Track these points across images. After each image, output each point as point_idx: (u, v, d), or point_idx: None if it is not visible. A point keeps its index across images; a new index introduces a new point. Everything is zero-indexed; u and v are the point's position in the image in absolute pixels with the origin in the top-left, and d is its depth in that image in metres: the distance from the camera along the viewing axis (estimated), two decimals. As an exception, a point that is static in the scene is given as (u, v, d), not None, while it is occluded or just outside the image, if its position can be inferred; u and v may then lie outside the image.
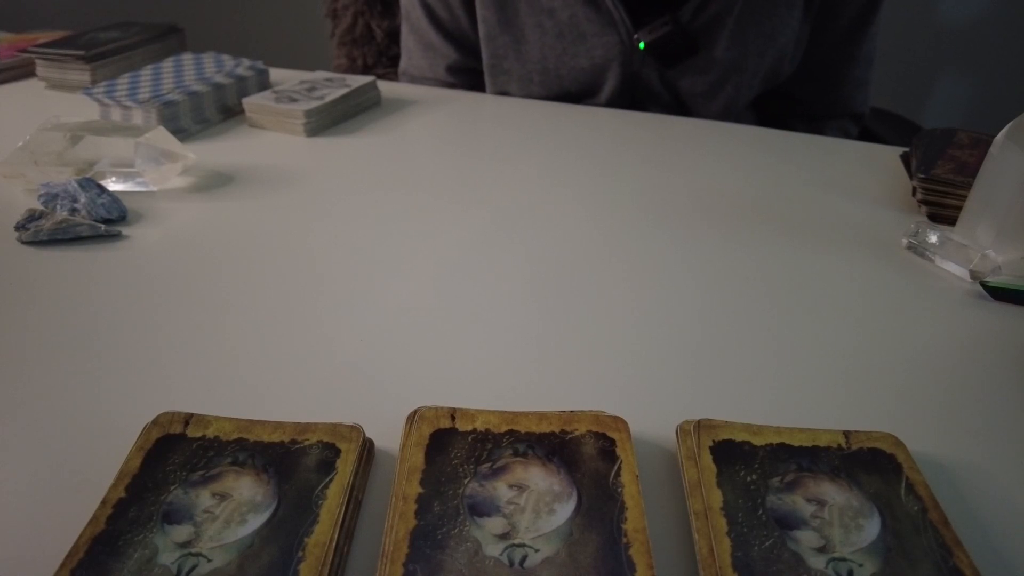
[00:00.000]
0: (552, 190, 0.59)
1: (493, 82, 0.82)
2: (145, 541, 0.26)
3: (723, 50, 0.74)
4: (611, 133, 0.71)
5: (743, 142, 0.70)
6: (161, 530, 0.26)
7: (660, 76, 0.77)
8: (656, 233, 0.53)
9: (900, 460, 0.31)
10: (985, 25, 1.57)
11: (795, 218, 0.56)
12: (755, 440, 0.31)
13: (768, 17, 0.74)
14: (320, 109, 0.68)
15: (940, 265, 0.49)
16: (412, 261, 0.48)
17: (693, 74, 0.76)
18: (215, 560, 0.25)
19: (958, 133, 0.64)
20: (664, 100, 0.80)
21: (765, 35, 0.75)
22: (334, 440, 0.30)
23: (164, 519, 0.27)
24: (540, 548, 0.26)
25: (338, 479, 0.29)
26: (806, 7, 0.76)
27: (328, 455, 0.30)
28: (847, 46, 0.81)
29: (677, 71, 0.76)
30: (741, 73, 0.77)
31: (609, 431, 0.31)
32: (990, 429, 0.35)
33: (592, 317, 0.43)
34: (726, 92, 0.78)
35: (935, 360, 0.40)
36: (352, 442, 0.30)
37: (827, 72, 0.83)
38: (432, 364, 0.38)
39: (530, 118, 0.75)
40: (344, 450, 0.30)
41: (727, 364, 0.39)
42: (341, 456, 0.30)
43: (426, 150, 0.66)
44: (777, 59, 0.78)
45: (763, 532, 0.27)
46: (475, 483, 0.29)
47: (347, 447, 0.30)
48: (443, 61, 0.84)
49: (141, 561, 0.25)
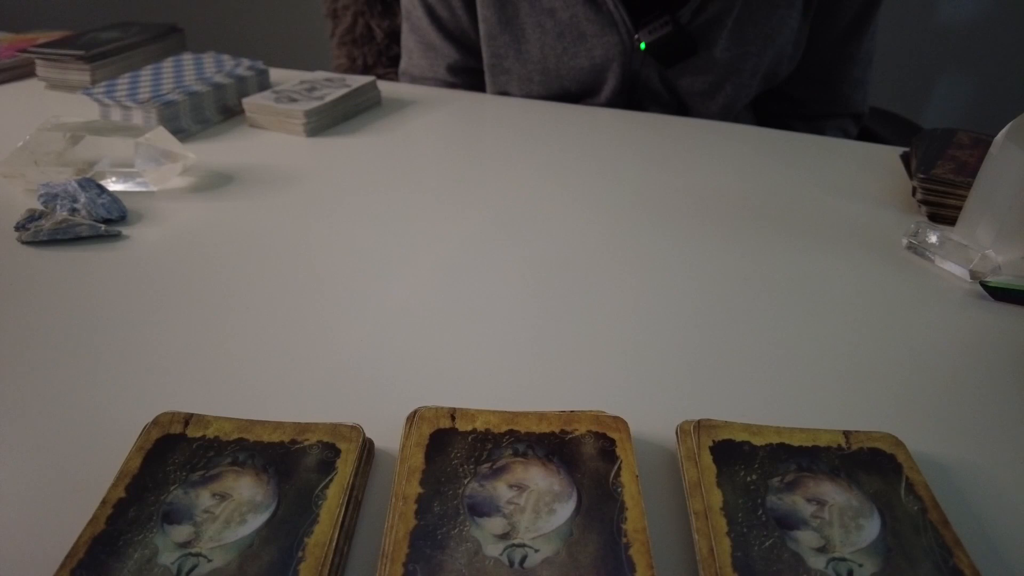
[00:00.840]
0: (552, 190, 0.59)
1: (493, 82, 0.82)
2: (145, 541, 0.26)
3: (722, 50, 0.74)
4: (611, 133, 0.71)
5: (742, 142, 0.70)
6: (161, 530, 0.26)
7: (660, 76, 0.77)
8: (655, 233, 0.53)
9: (900, 460, 0.31)
10: (985, 25, 1.57)
11: (795, 218, 0.56)
12: (755, 440, 0.31)
13: (767, 17, 0.74)
14: (320, 109, 0.68)
15: (940, 265, 0.49)
16: (412, 261, 0.48)
17: (692, 74, 0.77)
18: (215, 560, 0.25)
19: (958, 133, 0.64)
20: (664, 100, 0.80)
21: (764, 35, 0.75)
22: (334, 440, 0.30)
23: (164, 519, 0.27)
24: (540, 548, 0.26)
25: (338, 479, 0.29)
26: (805, 7, 0.76)
27: (328, 455, 0.30)
28: (846, 46, 0.81)
29: (676, 71, 0.76)
30: (740, 73, 0.77)
31: (609, 431, 0.31)
32: (990, 429, 0.35)
33: (592, 317, 0.43)
34: (725, 92, 0.78)
35: (935, 360, 0.40)
36: (352, 442, 0.30)
37: (826, 72, 0.83)
38: (432, 364, 0.38)
39: (530, 118, 0.75)
40: (344, 450, 0.30)
41: (727, 364, 0.39)
42: (341, 456, 0.30)
43: (426, 150, 0.66)
44: (776, 59, 0.78)
45: (763, 532, 0.27)
46: (475, 483, 0.29)
47: (347, 447, 0.30)
48: (444, 61, 0.84)
49: (141, 561, 0.25)
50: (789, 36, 0.77)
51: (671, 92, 0.79)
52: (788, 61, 0.80)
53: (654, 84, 0.78)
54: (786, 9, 0.74)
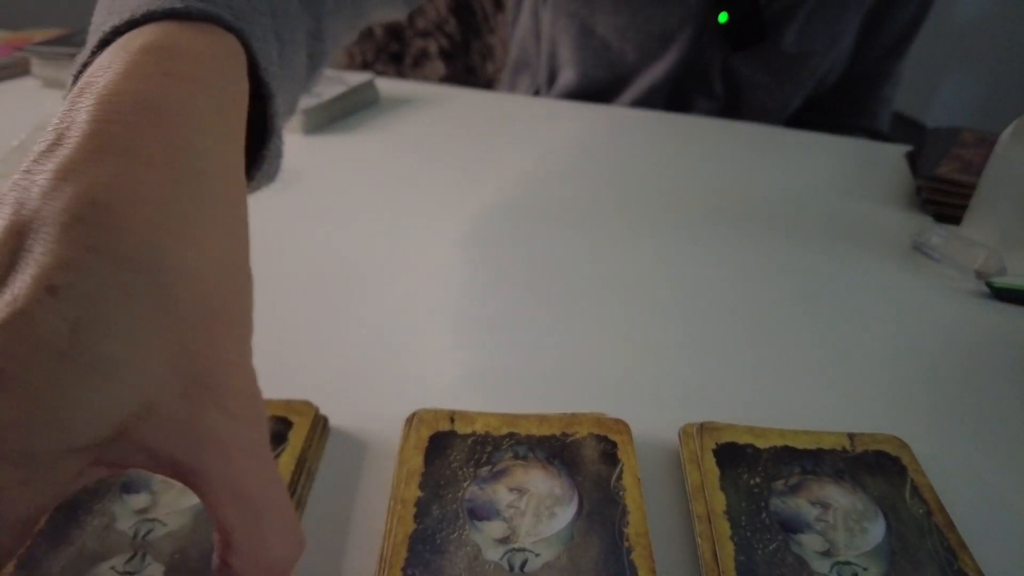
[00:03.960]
0: (553, 190, 0.58)
1: (554, 20, 0.79)
2: (103, 510, 0.27)
3: (790, 43, 0.74)
4: (612, 133, 0.71)
5: (746, 142, 0.70)
6: (119, 499, 0.27)
7: (722, 63, 0.76)
8: (657, 233, 0.52)
9: (905, 463, 0.31)
10: (990, 24, 1.57)
11: (799, 218, 0.55)
12: (758, 443, 0.31)
13: (837, 18, 0.74)
14: (318, 107, 0.68)
15: (945, 265, 0.49)
16: (410, 261, 0.47)
17: (756, 64, 0.76)
18: (170, 524, 0.26)
19: (963, 132, 0.63)
20: (714, 91, 0.78)
21: (832, 35, 0.75)
22: (286, 414, 0.31)
23: (123, 489, 0.28)
24: (540, 552, 0.26)
25: (289, 449, 0.30)
26: (863, 17, 0.76)
27: (280, 428, 0.31)
28: (885, 62, 0.81)
29: (741, 58, 0.75)
30: (802, 70, 0.76)
31: (611, 434, 0.31)
32: (996, 431, 0.35)
33: (593, 318, 0.42)
34: (784, 89, 0.77)
35: (940, 361, 0.40)
36: (304, 416, 0.31)
37: (862, 86, 0.83)
38: (431, 365, 0.38)
39: (530, 117, 0.74)
40: (296, 423, 0.31)
41: (730, 366, 0.39)
42: (293, 428, 0.31)
43: (424, 149, 0.66)
44: (831, 65, 0.78)
45: (767, 536, 0.27)
46: (475, 486, 0.28)
47: (299, 420, 0.31)
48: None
49: (99, 527, 0.26)
50: (849, 43, 0.77)
51: (726, 82, 0.78)
52: (835, 72, 0.80)
53: (713, 71, 0.77)
54: (854, 13, 0.74)
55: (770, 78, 0.77)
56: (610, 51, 0.78)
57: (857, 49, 0.79)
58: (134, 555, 0.25)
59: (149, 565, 0.25)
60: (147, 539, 0.26)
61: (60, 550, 0.25)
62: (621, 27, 0.76)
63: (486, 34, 1.07)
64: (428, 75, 1.09)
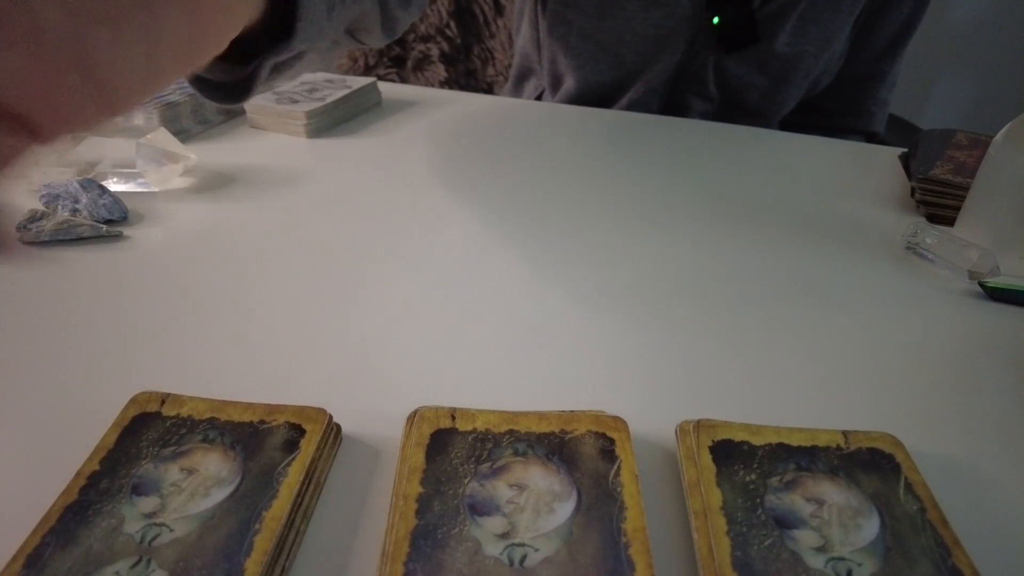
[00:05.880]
0: (552, 190, 0.59)
1: (551, 30, 0.80)
2: (113, 511, 0.27)
3: (783, 44, 0.74)
4: (610, 134, 0.71)
5: (741, 143, 0.70)
6: (129, 501, 0.28)
7: (715, 64, 0.77)
8: (654, 233, 0.53)
9: (899, 460, 0.31)
10: (984, 26, 1.57)
11: (794, 218, 0.56)
12: (754, 440, 0.31)
13: (830, 19, 0.74)
14: (321, 110, 0.68)
15: (939, 266, 0.49)
16: (412, 261, 0.48)
17: (749, 65, 0.76)
18: (177, 530, 0.26)
19: (957, 134, 0.64)
20: (708, 93, 0.79)
21: (824, 36, 0.75)
22: (300, 421, 0.31)
23: (133, 491, 0.28)
24: (540, 547, 0.26)
25: (300, 457, 0.30)
26: (857, 18, 0.76)
27: (293, 435, 0.31)
28: (880, 63, 0.82)
29: (734, 59, 0.76)
30: (795, 71, 0.77)
31: (609, 431, 0.31)
32: (989, 429, 0.35)
33: (591, 317, 0.43)
34: (778, 90, 0.78)
35: (934, 360, 0.40)
36: (317, 423, 0.31)
37: (857, 87, 0.83)
38: (432, 364, 0.38)
39: (530, 120, 0.75)
40: (309, 431, 0.31)
41: (726, 364, 0.39)
42: (306, 436, 0.31)
43: (427, 151, 0.66)
44: (824, 66, 0.78)
45: (762, 531, 0.27)
46: (475, 483, 0.29)
47: (312, 428, 0.31)
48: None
49: (107, 529, 0.26)
50: (843, 44, 0.77)
51: (720, 84, 0.79)
52: (829, 73, 0.80)
53: (707, 72, 0.77)
54: (847, 15, 0.75)
55: (764, 79, 0.77)
56: (608, 56, 0.79)
57: (852, 51, 0.80)
58: (139, 560, 0.25)
59: (154, 572, 0.25)
60: (153, 544, 0.26)
61: (67, 551, 0.25)
62: (617, 32, 0.77)
63: (487, 38, 1.07)
64: (429, 79, 1.10)
